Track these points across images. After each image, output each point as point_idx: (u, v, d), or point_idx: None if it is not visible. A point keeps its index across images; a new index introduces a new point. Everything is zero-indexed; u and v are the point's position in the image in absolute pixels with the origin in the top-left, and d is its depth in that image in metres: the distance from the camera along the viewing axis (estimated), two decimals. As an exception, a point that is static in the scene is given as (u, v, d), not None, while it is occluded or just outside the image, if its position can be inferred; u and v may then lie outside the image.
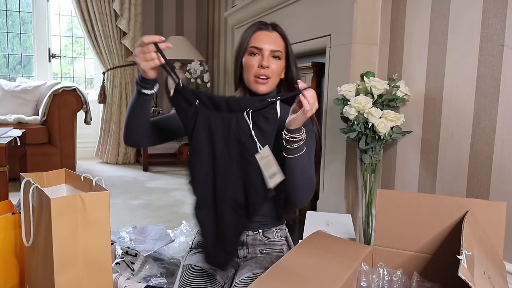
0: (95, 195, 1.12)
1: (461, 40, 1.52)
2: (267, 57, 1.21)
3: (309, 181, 1.15)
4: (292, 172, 1.10)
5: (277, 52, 1.22)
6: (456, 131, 1.55)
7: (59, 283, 1.07)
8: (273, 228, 1.29)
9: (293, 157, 1.09)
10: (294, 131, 1.06)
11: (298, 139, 1.07)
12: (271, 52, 1.21)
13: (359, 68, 1.86)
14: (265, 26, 1.26)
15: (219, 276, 1.17)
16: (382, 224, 1.11)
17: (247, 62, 1.23)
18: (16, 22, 4.34)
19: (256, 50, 1.22)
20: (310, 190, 1.16)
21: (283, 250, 1.30)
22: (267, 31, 1.24)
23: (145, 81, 1.11)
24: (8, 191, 2.03)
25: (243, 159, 1.04)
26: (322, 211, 2.11)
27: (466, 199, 1.05)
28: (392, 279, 1.02)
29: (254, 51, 1.22)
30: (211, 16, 4.45)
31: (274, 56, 1.22)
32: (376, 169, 1.69)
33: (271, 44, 1.22)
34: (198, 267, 1.18)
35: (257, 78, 1.22)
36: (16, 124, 3.33)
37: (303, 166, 1.11)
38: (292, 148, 1.07)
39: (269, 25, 1.26)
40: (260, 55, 1.22)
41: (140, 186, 3.38)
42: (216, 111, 1.07)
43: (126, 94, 4.33)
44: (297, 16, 2.37)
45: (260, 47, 1.22)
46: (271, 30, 1.25)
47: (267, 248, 1.28)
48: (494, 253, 0.99)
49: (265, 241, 1.28)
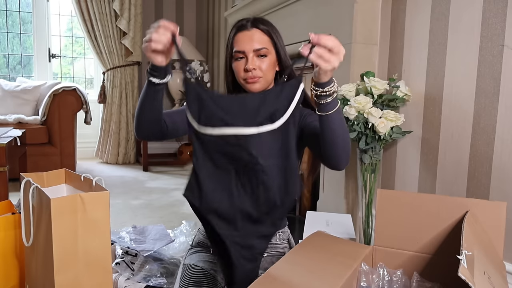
0: (95, 195, 1.12)
1: (461, 40, 1.52)
2: (251, 59, 1.15)
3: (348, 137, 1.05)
4: (332, 131, 0.98)
5: (262, 50, 1.16)
6: (456, 131, 1.55)
7: (59, 283, 1.07)
8: (275, 232, 1.28)
9: (329, 114, 0.97)
10: (324, 85, 0.95)
11: (330, 91, 0.95)
12: (254, 52, 1.16)
13: (359, 68, 1.86)
14: (243, 26, 1.18)
15: (219, 277, 1.17)
16: (382, 224, 1.11)
17: (235, 68, 1.19)
18: (16, 22, 4.34)
19: (240, 54, 1.17)
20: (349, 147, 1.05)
21: (285, 252, 1.29)
22: (246, 31, 1.17)
23: (154, 69, 1.03)
24: (8, 191, 2.03)
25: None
26: (322, 211, 2.11)
27: (466, 199, 1.05)
28: (392, 279, 1.02)
29: (238, 56, 1.17)
30: (211, 16, 4.45)
31: (260, 55, 1.16)
32: (376, 169, 1.69)
33: (252, 43, 1.16)
34: (199, 267, 1.18)
35: (248, 79, 1.17)
36: (16, 124, 3.33)
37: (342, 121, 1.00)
38: (327, 103, 0.96)
39: (249, 23, 1.18)
40: (245, 57, 1.16)
41: (140, 186, 3.38)
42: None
43: (126, 94, 4.33)
44: (297, 16, 2.37)
45: (241, 50, 1.16)
46: (250, 28, 1.17)
47: (268, 251, 1.27)
48: (494, 253, 0.99)
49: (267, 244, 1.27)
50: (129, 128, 4.35)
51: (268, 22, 1.21)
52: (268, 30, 1.19)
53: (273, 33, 1.19)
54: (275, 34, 1.20)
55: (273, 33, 1.19)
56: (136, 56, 4.28)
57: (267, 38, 1.18)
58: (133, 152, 4.39)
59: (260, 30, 1.18)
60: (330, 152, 1.01)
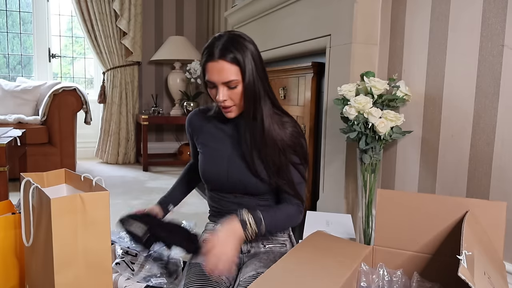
0: (95, 195, 1.12)
1: (461, 40, 1.52)
2: (221, 91, 1.18)
3: (289, 219, 1.26)
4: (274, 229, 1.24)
5: (230, 82, 1.17)
6: (456, 131, 1.55)
7: (59, 283, 1.07)
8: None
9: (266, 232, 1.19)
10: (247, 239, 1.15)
11: (252, 234, 1.15)
12: (223, 84, 1.17)
13: (359, 68, 1.86)
14: (211, 56, 1.17)
15: (225, 276, 1.17)
16: (382, 224, 1.11)
17: (210, 94, 1.24)
18: (16, 22, 4.34)
19: (211, 83, 1.20)
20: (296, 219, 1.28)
21: (286, 245, 1.32)
22: (214, 62, 1.16)
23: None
24: (8, 191, 2.03)
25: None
26: (322, 211, 2.11)
27: (466, 199, 1.05)
28: (392, 279, 1.02)
29: (210, 85, 1.21)
30: (211, 16, 4.45)
31: (229, 86, 1.18)
32: (376, 169, 1.69)
33: (221, 76, 1.16)
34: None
35: (222, 108, 1.23)
36: (16, 124, 3.33)
37: (277, 224, 1.23)
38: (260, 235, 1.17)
39: (216, 50, 1.16)
40: (216, 88, 1.19)
41: (140, 186, 3.38)
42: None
43: (126, 94, 4.33)
44: (297, 16, 2.37)
45: (211, 81, 1.18)
46: (217, 59, 1.15)
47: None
48: (494, 253, 0.99)
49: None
50: (129, 128, 4.35)
51: (238, 43, 1.17)
52: (236, 57, 1.15)
53: (242, 60, 1.16)
54: (243, 60, 1.16)
55: (242, 59, 1.16)
56: (136, 56, 4.28)
57: (235, 68, 1.16)
58: (133, 152, 4.39)
59: (227, 62, 1.15)
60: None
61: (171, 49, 4.22)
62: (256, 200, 1.30)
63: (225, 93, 1.18)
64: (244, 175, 1.27)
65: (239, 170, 1.28)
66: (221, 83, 1.17)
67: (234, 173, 1.29)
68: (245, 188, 1.29)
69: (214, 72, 1.17)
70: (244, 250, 1.30)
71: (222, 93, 1.18)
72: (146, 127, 4.00)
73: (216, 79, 1.17)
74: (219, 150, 1.33)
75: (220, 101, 1.19)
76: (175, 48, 4.22)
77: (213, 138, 1.35)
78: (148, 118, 3.99)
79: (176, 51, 4.20)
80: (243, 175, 1.27)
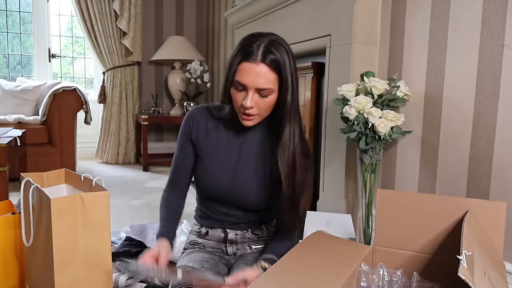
0: (95, 195, 1.12)
1: (461, 40, 1.52)
2: (251, 96, 1.06)
3: (291, 243, 1.20)
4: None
5: (265, 90, 1.05)
6: (456, 131, 1.55)
7: (59, 283, 1.07)
8: (262, 226, 1.30)
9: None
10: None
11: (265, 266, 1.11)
12: (256, 90, 1.06)
13: (359, 68, 1.86)
14: (251, 55, 1.04)
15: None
16: (382, 224, 1.11)
17: (233, 95, 1.11)
18: (16, 22, 4.34)
19: (241, 86, 1.07)
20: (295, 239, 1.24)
21: None
22: (254, 63, 1.04)
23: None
24: (8, 191, 2.03)
25: None
26: (322, 211, 2.11)
27: (466, 199, 1.05)
28: (392, 279, 1.02)
29: (238, 87, 1.07)
30: (211, 16, 4.45)
31: (262, 94, 1.06)
32: (376, 169, 1.69)
33: (257, 81, 1.04)
34: (190, 267, 1.18)
35: (242, 114, 1.10)
36: (16, 124, 3.33)
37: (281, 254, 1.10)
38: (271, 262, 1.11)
39: (259, 53, 1.04)
40: (245, 91, 1.07)
41: (140, 186, 3.38)
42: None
43: (126, 94, 4.33)
44: (297, 16, 2.37)
45: (243, 83, 1.05)
46: (259, 62, 1.04)
47: (255, 243, 1.30)
48: (494, 253, 0.99)
49: (254, 238, 1.29)
50: (129, 128, 4.35)
51: (281, 48, 1.06)
52: (279, 65, 1.05)
53: (283, 69, 1.06)
54: (285, 69, 1.06)
55: (283, 69, 1.06)
56: (136, 56, 4.28)
57: (274, 77, 1.06)
58: (133, 152, 4.39)
59: (268, 67, 1.04)
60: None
61: (171, 49, 4.22)
62: (246, 214, 1.26)
63: (255, 99, 1.07)
64: (247, 193, 1.20)
65: (242, 187, 1.20)
66: (254, 88, 1.05)
67: (235, 189, 1.20)
68: (242, 205, 1.23)
69: (250, 74, 1.04)
70: (230, 252, 1.28)
71: (251, 98, 1.06)
72: (146, 127, 4.00)
73: (250, 82, 1.05)
74: (223, 161, 1.21)
75: (247, 107, 1.06)
76: (175, 48, 4.22)
77: (219, 146, 1.22)
78: (148, 118, 3.99)
79: (176, 51, 4.20)
80: (246, 193, 1.20)
